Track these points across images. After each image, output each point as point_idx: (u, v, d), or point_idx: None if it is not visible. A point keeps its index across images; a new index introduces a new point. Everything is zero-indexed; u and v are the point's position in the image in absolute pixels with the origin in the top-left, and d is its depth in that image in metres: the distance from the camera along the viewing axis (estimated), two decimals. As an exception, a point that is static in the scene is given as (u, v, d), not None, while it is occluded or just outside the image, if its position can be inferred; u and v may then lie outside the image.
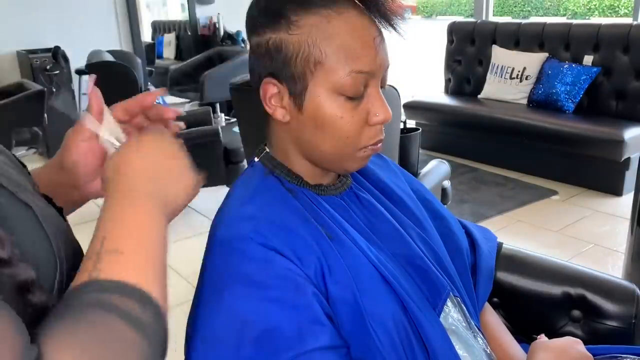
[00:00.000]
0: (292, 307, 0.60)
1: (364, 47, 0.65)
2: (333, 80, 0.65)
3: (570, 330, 1.02)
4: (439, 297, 0.74)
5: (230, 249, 0.63)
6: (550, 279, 1.03)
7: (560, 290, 1.02)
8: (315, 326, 0.60)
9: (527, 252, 1.10)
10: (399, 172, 0.91)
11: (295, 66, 0.65)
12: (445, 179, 2.25)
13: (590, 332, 1.00)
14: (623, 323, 0.97)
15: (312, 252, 0.64)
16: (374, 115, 0.68)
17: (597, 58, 3.46)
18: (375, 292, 0.67)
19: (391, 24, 0.67)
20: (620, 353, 0.85)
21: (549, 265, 1.07)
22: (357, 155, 0.70)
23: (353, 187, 0.78)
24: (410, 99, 4.09)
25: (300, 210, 0.69)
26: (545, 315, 1.04)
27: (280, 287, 0.61)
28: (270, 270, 0.61)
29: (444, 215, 0.90)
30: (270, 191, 0.71)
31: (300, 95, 0.66)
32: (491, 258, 0.94)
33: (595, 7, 16.32)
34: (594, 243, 2.58)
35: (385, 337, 0.64)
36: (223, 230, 0.66)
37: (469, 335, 0.78)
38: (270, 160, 0.74)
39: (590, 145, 3.15)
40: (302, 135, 0.69)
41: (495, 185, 3.38)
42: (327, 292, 0.63)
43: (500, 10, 17.40)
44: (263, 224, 0.65)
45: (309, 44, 0.64)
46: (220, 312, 0.60)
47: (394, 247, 0.74)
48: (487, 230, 1.00)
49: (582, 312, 1.01)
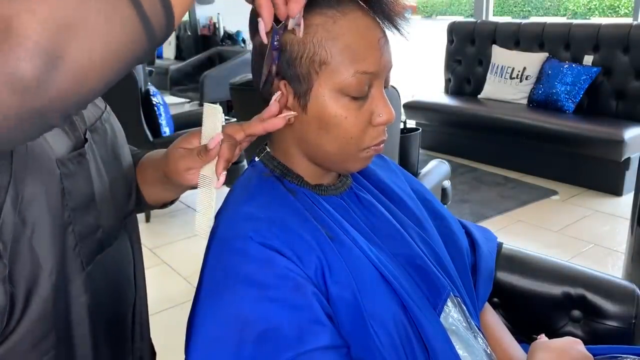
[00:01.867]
0: (292, 307, 0.60)
1: (369, 47, 0.65)
2: (338, 81, 0.65)
3: (570, 330, 1.02)
4: (439, 297, 0.74)
5: (230, 249, 0.63)
6: (551, 279, 1.03)
7: (560, 291, 1.02)
8: (315, 326, 0.60)
9: (527, 252, 1.10)
10: (399, 172, 0.91)
11: (300, 66, 0.65)
12: (445, 179, 2.25)
13: (590, 332, 1.00)
14: (623, 323, 0.97)
15: (313, 252, 0.64)
16: (377, 116, 0.68)
17: (597, 58, 3.46)
18: (375, 292, 0.67)
19: (395, 25, 0.68)
20: (620, 353, 0.85)
21: (549, 265, 1.07)
22: (360, 155, 0.70)
23: (353, 187, 0.78)
24: (410, 99, 4.09)
25: (301, 210, 0.68)
26: (545, 315, 1.04)
27: (281, 287, 0.60)
28: (271, 270, 0.61)
29: (444, 215, 0.90)
30: (271, 191, 0.70)
31: (304, 95, 0.66)
32: (491, 258, 0.94)
33: (595, 7, 16.31)
34: (594, 243, 2.58)
35: (385, 337, 0.64)
36: (223, 230, 0.66)
37: (469, 335, 0.78)
38: (271, 160, 0.74)
39: (590, 145, 3.15)
40: (305, 136, 0.69)
41: (495, 185, 3.38)
42: (328, 292, 0.63)
43: (500, 10, 17.40)
44: (263, 223, 0.64)
45: (315, 44, 0.64)
46: (221, 312, 0.60)
47: (394, 247, 0.74)
48: (487, 231, 1.00)
49: (582, 312, 1.01)
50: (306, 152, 0.71)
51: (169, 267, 2.41)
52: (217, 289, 0.62)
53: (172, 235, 2.72)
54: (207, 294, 0.63)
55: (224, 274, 0.62)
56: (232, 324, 0.59)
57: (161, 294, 2.20)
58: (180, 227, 2.80)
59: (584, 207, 3.02)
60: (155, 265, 2.43)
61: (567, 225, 2.79)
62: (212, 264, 0.65)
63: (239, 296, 0.60)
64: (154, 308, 2.13)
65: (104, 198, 0.64)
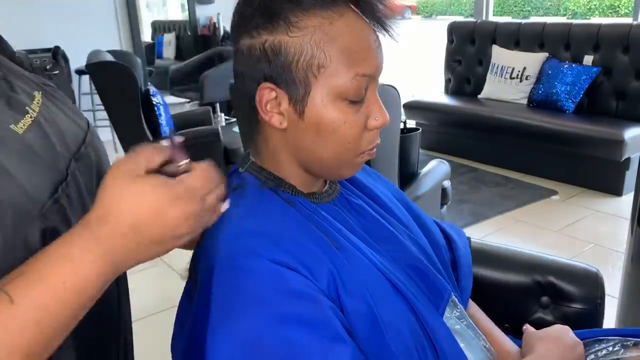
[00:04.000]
0: (311, 326, 0.56)
1: (366, 49, 0.63)
2: (338, 85, 0.62)
3: (541, 316, 1.06)
4: (440, 299, 0.74)
5: (238, 269, 0.58)
6: (520, 269, 1.08)
7: (530, 279, 1.07)
8: (337, 344, 0.56)
9: (495, 244, 1.15)
10: (376, 175, 0.90)
11: (297, 70, 0.62)
12: (445, 179, 2.25)
13: (560, 316, 1.05)
14: (589, 304, 1.03)
15: (322, 264, 0.61)
16: (373, 120, 0.66)
17: (597, 58, 3.46)
18: (388, 301, 0.65)
19: (384, 26, 0.66)
20: (605, 336, 0.87)
21: (518, 256, 1.13)
22: (355, 161, 0.68)
23: (343, 193, 0.76)
24: (410, 99, 4.09)
25: (303, 221, 0.65)
26: (516, 304, 1.08)
27: (297, 305, 0.56)
28: (284, 287, 0.57)
29: (420, 214, 0.89)
30: (269, 204, 0.66)
31: (302, 100, 0.63)
32: (468, 253, 0.94)
33: (596, 7, 16.31)
34: (594, 243, 2.58)
35: (401, 345, 0.62)
36: (227, 249, 0.60)
37: (469, 333, 0.79)
38: (259, 170, 0.70)
39: (590, 145, 3.14)
40: (300, 143, 0.66)
41: (495, 185, 3.38)
42: (342, 305, 0.60)
43: (500, 10, 17.39)
44: (269, 239, 0.60)
45: (312, 47, 0.61)
46: (235, 339, 0.55)
47: (392, 251, 0.73)
48: (456, 227, 0.99)
49: (550, 298, 1.06)
50: (299, 160, 0.68)
51: (169, 267, 2.41)
52: (229, 314, 0.56)
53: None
54: (219, 320, 0.57)
55: (235, 297, 0.57)
56: (249, 350, 0.55)
57: (161, 294, 2.20)
58: (180, 227, 2.79)
59: (584, 207, 3.02)
60: (155, 265, 2.43)
61: (567, 225, 2.79)
62: (220, 287, 0.58)
63: (255, 320, 0.55)
64: (154, 308, 2.13)
65: None
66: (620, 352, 0.81)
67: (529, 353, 0.80)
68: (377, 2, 0.64)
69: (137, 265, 0.55)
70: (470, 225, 2.83)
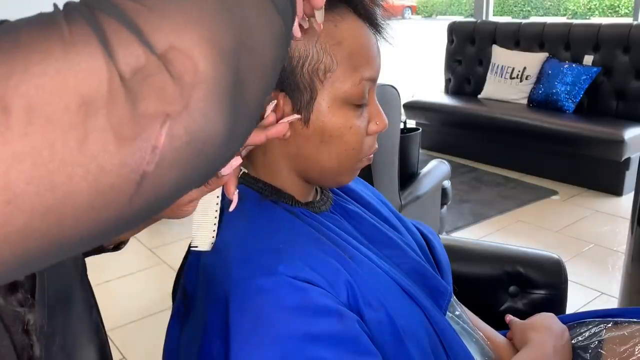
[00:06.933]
0: (340, 341, 0.53)
1: (369, 52, 0.62)
2: (344, 89, 0.60)
3: (510, 305, 1.10)
4: (442, 300, 0.74)
5: (257, 290, 0.54)
6: (490, 262, 1.13)
7: (500, 271, 1.11)
8: (367, 357, 0.54)
9: (464, 239, 1.19)
10: (358, 179, 0.87)
11: (302, 75, 0.59)
12: (445, 179, 2.25)
13: (528, 303, 1.10)
14: (554, 290, 1.09)
15: (339, 275, 0.58)
16: (374, 124, 0.65)
17: (597, 58, 3.46)
18: (402, 307, 0.64)
19: (380, 30, 0.65)
20: (585, 318, 0.89)
21: (487, 249, 1.17)
22: (355, 167, 0.66)
23: (337, 200, 0.75)
24: (410, 99, 4.09)
25: (310, 232, 0.63)
26: (488, 295, 1.12)
27: (322, 322, 0.53)
28: (306, 304, 0.54)
29: (401, 215, 0.88)
30: (274, 217, 0.63)
31: (307, 107, 0.60)
32: (444, 251, 0.93)
33: (596, 7, 16.31)
34: (594, 243, 2.58)
35: (418, 352, 0.62)
36: (240, 270, 0.56)
37: (469, 331, 0.79)
38: (254, 182, 0.67)
39: (590, 145, 3.15)
40: (301, 151, 0.63)
41: (495, 185, 3.38)
42: (362, 317, 0.58)
43: (500, 10, 17.40)
44: (281, 254, 0.57)
45: (318, 51, 0.59)
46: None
47: (393, 256, 0.72)
48: (425, 225, 0.98)
49: (518, 286, 1.11)
50: (298, 169, 0.65)
51: (169, 267, 2.41)
52: (252, 338, 0.53)
53: (172, 235, 2.72)
54: (241, 345, 0.53)
55: (258, 322, 0.53)
56: None
57: (161, 294, 2.20)
58: (180, 227, 2.80)
59: (584, 207, 3.02)
60: (155, 265, 2.43)
61: (567, 225, 2.79)
62: (239, 312, 0.54)
63: (282, 343, 0.52)
64: (153, 308, 2.13)
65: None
66: (602, 333, 0.84)
67: (522, 344, 0.81)
68: (374, 4, 0.64)
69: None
70: (470, 225, 2.83)
